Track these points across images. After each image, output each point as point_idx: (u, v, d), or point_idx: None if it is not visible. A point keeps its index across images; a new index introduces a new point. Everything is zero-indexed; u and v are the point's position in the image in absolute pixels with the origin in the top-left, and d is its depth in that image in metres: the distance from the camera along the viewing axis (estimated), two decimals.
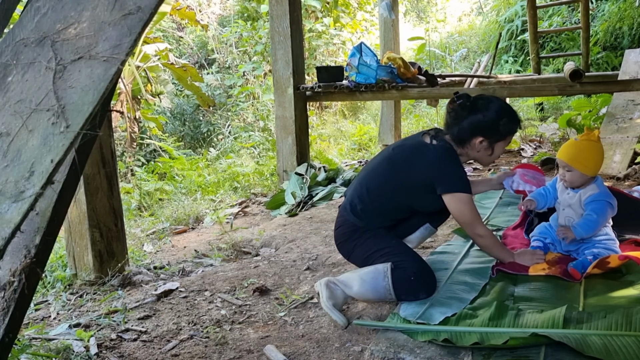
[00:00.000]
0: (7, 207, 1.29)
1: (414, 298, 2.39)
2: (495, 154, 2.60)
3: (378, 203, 2.59)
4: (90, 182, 3.13)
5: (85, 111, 1.31)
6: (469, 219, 2.52)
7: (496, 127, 2.52)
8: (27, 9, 1.48)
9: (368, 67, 5.22)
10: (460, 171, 2.52)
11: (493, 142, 2.55)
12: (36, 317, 2.86)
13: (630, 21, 8.75)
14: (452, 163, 2.52)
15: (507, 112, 2.54)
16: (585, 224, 2.57)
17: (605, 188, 2.64)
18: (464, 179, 2.51)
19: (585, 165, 2.56)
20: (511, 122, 2.55)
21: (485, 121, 2.51)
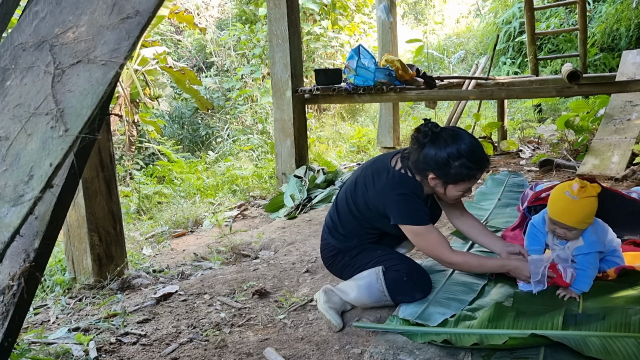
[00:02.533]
0: (7, 211, 1.29)
1: (410, 298, 2.37)
2: (448, 195, 2.34)
3: (351, 225, 2.51)
4: (89, 185, 3.13)
5: (84, 115, 1.31)
6: (429, 251, 2.38)
7: (447, 169, 2.24)
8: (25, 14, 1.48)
9: (366, 69, 5.22)
10: (409, 202, 2.31)
11: (445, 182, 2.29)
12: (35, 321, 2.86)
13: (628, 22, 8.77)
14: (403, 193, 2.32)
15: (464, 156, 2.22)
16: (582, 281, 2.35)
17: (590, 234, 2.39)
18: (413, 210, 2.31)
19: (588, 223, 2.37)
20: (465, 167, 2.23)
21: (436, 159, 2.25)
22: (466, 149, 2.22)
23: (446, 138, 2.25)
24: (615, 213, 3.01)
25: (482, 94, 5.75)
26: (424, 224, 2.31)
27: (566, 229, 2.35)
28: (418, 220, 2.31)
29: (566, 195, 2.30)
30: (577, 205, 2.28)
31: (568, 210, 2.31)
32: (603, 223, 2.54)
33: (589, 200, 2.28)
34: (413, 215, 2.31)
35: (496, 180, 4.80)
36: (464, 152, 2.21)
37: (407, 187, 2.32)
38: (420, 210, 2.32)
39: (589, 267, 2.36)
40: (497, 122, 7.13)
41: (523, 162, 6.19)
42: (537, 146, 7.05)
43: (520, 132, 7.82)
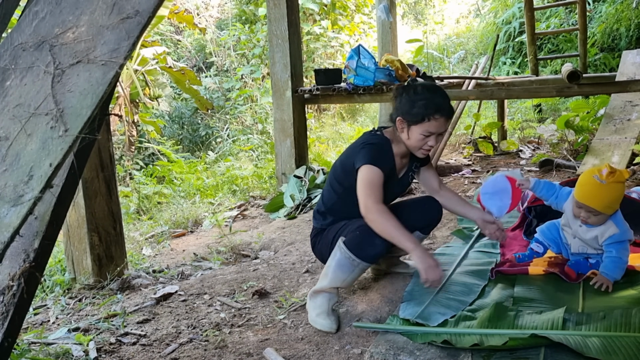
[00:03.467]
0: (6, 211, 1.28)
1: (373, 249, 2.37)
2: (412, 138, 2.41)
3: (331, 202, 2.60)
4: (88, 186, 3.13)
5: (84, 115, 1.31)
6: (361, 189, 2.34)
7: (411, 106, 2.37)
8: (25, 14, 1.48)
9: (366, 69, 5.22)
10: (374, 149, 2.41)
11: (409, 123, 2.39)
12: (35, 321, 2.85)
13: (628, 22, 8.77)
14: (370, 143, 2.44)
15: (427, 98, 2.36)
16: (615, 267, 2.37)
17: (623, 222, 2.43)
18: (374, 154, 2.38)
19: (614, 208, 2.38)
20: (424, 106, 2.34)
21: (404, 100, 2.41)
22: (431, 93, 2.39)
23: (419, 85, 2.43)
24: None
25: (482, 94, 5.75)
26: (375, 164, 2.34)
27: (591, 213, 2.37)
28: (374, 160, 2.35)
29: (594, 179, 2.31)
30: (605, 189, 2.30)
31: (595, 194, 2.33)
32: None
33: (617, 186, 2.30)
34: (372, 156, 2.37)
35: None
36: (428, 94, 2.37)
37: (374, 140, 2.46)
38: (381, 156, 2.40)
39: (622, 255, 2.39)
40: (497, 122, 7.13)
41: (523, 162, 6.19)
42: (537, 146, 7.05)
43: (520, 132, 7.82)
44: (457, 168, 6.09)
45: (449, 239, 3.53)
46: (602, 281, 2.34)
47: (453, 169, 6.05)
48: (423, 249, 2.27)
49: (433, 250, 3.27)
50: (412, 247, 2.25)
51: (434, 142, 2.41)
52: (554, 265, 2.61)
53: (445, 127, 2.41)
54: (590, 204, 2.34)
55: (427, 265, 2.21)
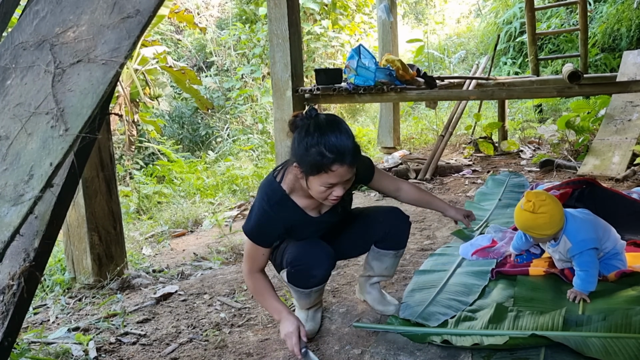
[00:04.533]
0: (7, 211, 1.28)
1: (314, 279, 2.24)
2: (312, 190, 2.02)
3: None
4: (89, 185, 3.12)
5: (84, 114, 1.31)
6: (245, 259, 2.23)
7: (305, 156, 1.96)
8: (25, 13, 1.48)
9: (367, 69, 5.22)
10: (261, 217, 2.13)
11: (306, 174, 2.00)
12: (35, 320, 2.85)
13: (629, 23, 8.77)
14: (262, 200, 2.15)
15: (322, 143, 1.93)
16: (582, 282, 2.35)
17: (576, 233, 2.40)
18: (258, 228, 2.15)
19: (552, 229, 2.39)
20: (321, 154, 1.92)
21: (298, 144, 2.01)
22: (328, 136, 1.94)
23: (315, 124, 1.99)
24: (616, 214, 3.02)
25: (483, 94, 5.75)
26: (253, 241, 2.16)
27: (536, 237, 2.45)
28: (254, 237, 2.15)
29: (521, 209, 2.42)
30: (532, 218, 2.39)
31: (526, 223, 2.44)
32: (603, 221, 2.55)
33: (545, 210, 2.36)
34: (253, 230, 2.15)
35: (497, 181, 4.80)
36: (323, 139, 1.93)
37: (268, 193, 2.15)
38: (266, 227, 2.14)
39: (588, 267, 2.36)
40: (498, 123, 7.13)
41: (524, 163, 6.19)
42: (538, 146, 7.05)
43: (521, 132, 7.82)
44: (458, 168, 6.09)
45: (449, 239, 3.53)
46: (575, 294, 2.33)
47: (453, 169, 6.05)
48: (285, 317, 2.11)
49: (433, 250, 3.26)
50: (277, 318, 2.17)
51: (340, 192, 2.01)
52: (554, 266, 2.61)
53: (350, 174, 2.00)
54: (527, 232, 2.48)
55: (285, 333, 2.08)
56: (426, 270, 2.83)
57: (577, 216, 2.46)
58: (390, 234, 2.38)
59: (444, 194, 5.03)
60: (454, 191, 5.19)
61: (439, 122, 8.50)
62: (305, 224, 2.22)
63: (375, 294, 2.52)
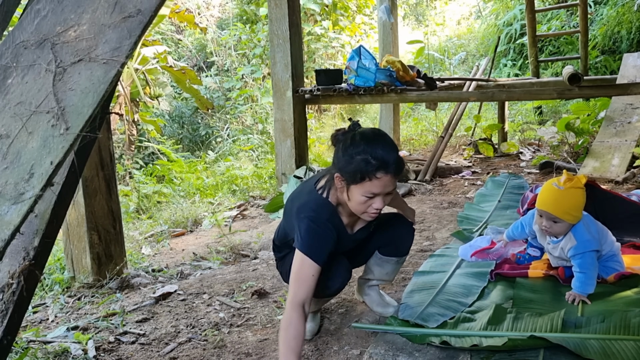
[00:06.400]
0: (7, 209, 1.28)
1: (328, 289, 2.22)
2: (353, 200, 2.02)
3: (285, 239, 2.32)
4: (88, 184, 3.12)
5: (85, 113, 1.31)
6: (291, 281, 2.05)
7: (349, 164, 1.97)
8: (27, 12, 1.48)
9: (367, 70, 5.22)
10: (316, 231, 2.05)
11: (348, 183, 2.01)
12: (34, 319, 2.85)
13: (629, 25, 8.78)
14: (311, 217, 2.07)
15: (367, 151, 1.95)
16: (581, 284, 2.34)
17: (583, 232, 2.39)
18: (314, 242, 2.05)
19: (574, 216, 2.37)
20: (365, 162, 1.94)
21: (343, 154, 2.02)
22: (374, 146, 1.98)
23: (361, 135, 2.03)
24: (616, 216, 3.02)
25: (483, 96, 5.75)
26: (312, 258, 2.02)
27: (552, 221, 2.39)
28: (311, 252, 2.03)
29: (553, 186, 2.37)
30: (563, 194, 2.34)
31: (553, 199, 2.36)
32: (601, 225, 2.55)
33: (575, 191, 2.34)
34: (312, 246, 2.04)
35: (496, 182, 4.80)
36: (370, 147, 1.97)
37: (320, 211, 2.10)
38: (322, 246, 2.06)
39: (588, 268, 2.36)
40: (498, 124, 7.13)
41: (523, 164, 6.20)
42: (538, 148, 7.06)
43: (521, 134, 7.83)
44: (457, 169, 6.09)
45: (449, 240, 3.53)
46: (574, 296, 2.32)
47: (453, 171, 6.06)
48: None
49: (433, 251, 3.26)
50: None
51: (380, 204, 2.02)
52: (554, 268, 2.61)
53: (392, 185, 2.01)
54: (549, 209, 2.37)
55: None
56: (425, 272, 2.83)
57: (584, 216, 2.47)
58: (394, 240, 2.38)
59: (443, 195, 5.03)
60: (454, 192, 5.19)
61: (439, 123, 8.51)
62: (341, 241, 2.19)
63: (374, 295, 2.52)
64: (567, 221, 2.37)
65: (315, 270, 2.02)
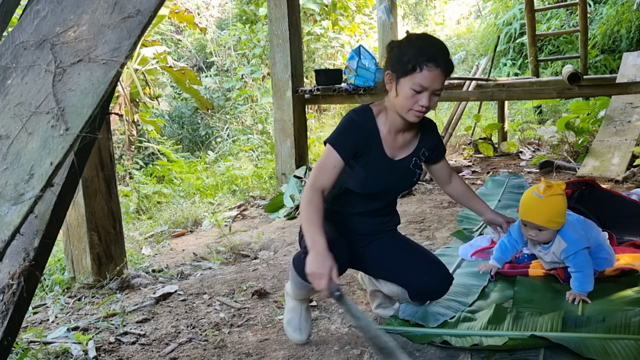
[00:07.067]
0: (7, 210, 1.28)
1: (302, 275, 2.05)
2: (400, 95, 2.05)
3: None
4: (88, 185, 3.12)
5: (85, 114, 1.31)
6: (314, 167, 2.12)
7: (402, 56, 2.02)
8: (26, 12, 1.48)
9: (367, 70, 5.22)
10: (345, 123, 2.14)
11: (397, 76, 2.05)
12: (34, 320, 2.85)
13: (628, 24, 8.78)
14: (347, 119, 2.17)
15: (417, 45, 2.02)
16: (579, 283, 2.35)
17: (571, 233, 2.39)
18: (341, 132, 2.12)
19: (558, 222, 2.36)
20: (417, 53, 1.99)
21: (395, 49, 2.09)
22: (426, 40, 2.06)
23: (416, 36, 2.11)
24: (616, 215, 3.02)
25: (483, 95, 5.75)
26: (334, 147, 2.07)
27: (537, 229, 2.38)
28: (335, 142, 2.09)
29: (533, 195, 2.35)
30: (544, 203, 2.32)
31: (535, 209, 2.34)
32: (582, 218, 2.55)
33: (556, 198, 2.32)
34: (338, 136, 2.11)
35: (496, 182, 4.80)
36: (421, 42, 2.04)
37: (357, 111, 2.20)
38: (347, 138, 2.12)
39: (584, 267, 2.36)
40: (498, 124, 7.13)
41: (523, 164, 6.20)
42: (538, 148, 7.06)
43: (521, 133, 7.83)
44: (457, 169, 6.10)
45: (449, 239, 3.53)
46: (574, 296, 2.32)
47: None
48: (318, 252, 1.86)
49: (433, 251, 3.26)
50: (309, 247, 1.90)
51: (426, 101, 2.02)
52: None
53: (440, 83, 2.03)
54: (532, 219, 2.36)
55: (312, 272, 1.84)
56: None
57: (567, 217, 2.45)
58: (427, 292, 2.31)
59: (443, 195, 5.02)
60: None
61: (439, 122, 8.50)
62: (377, 159, 2.17)
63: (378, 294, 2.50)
64: (552, 229, 2.37)
65: (337, 161, 2.07)
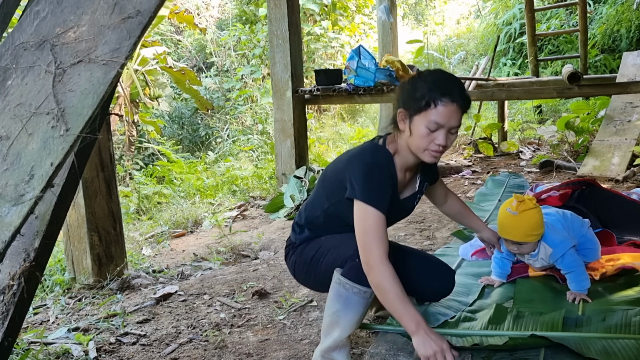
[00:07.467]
0: (7, 211, 1.28)
1: None
2: (414, 134, 1.90)
3: (313, 215, 2.15)
4: (89, 185, 3.13)
5: (85, 114, 1.31)
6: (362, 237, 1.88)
7: (414, 92, 1.90)
8: (26, 13, 1.48)
9: (367, 70, 5.22)
10: (374, 175, 1.92)
11: (411, 114, 1.90)
12: (35, 321, 2.85)
13: (628, 24, 8.78)
14: (370, 162, 1.95)
15: (431, 79, 1.91)
16: (576, 283, 2.35)
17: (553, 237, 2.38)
18: (373, 186, 1.91)
19: (536, 234, 2.35)
20: (430, 88, 1.87)
21: (407, 86, 1.97)
22: (441, 79, 1.93)
23: (428, 72, 1.99)
24: (616, 214, 3.02)
25: (483, 95, 5.75)
26: (376, 207, 1.88)
27: (517, 244, 2.38)
28: (372, 199, 1.89)
29: (507, 212, 2.34)
30: (518, 220, 2.31)
31: (511, 226, 2.34)
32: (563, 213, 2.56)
33: (529, 213, 2.30)
34: (371, 191, 1.90)
35: (496, 182, 4.80)
36: (436, 78, 1.93)
37: (376, 155, 1.98)
38: (381, 191, 1.92)
39: (574, 267, 2.37)
40: (498, 123, 7.13)
41: (523, 163, 6.20)
42: (538, 147, 7.06)
43: (521, 133, 7.83)
44: (458, 169, 6.09)
45: (449, 239, 3.53)
46: (574, 295, 2.33)
47: (453, 170, 6.06)
48: (426, 331, 1.80)
49: (433, 251, 3.26)
50: (413, 329, 1.81)
51: (443, 140, 1.88)
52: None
53: (457, 120, 1.90)
54: (509, 236, 2.36)
55: (431, 353, 1.77)
56: None
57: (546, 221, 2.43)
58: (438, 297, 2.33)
59: None
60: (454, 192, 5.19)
61: None
62: (390, 202, 1.97)
63: None
64: (530, 242, 2.37)
65: (380, 219, 1.87)
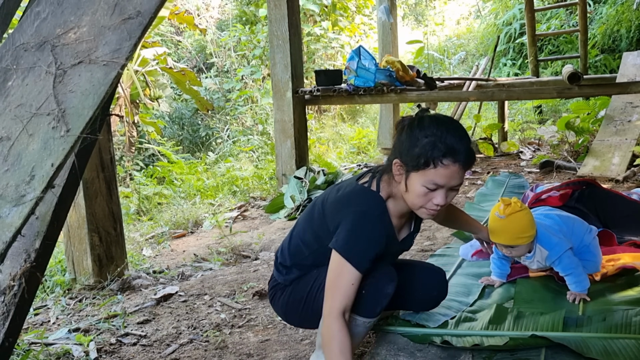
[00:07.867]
0: (8, 211, 1.28)
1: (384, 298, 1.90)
2: (410, 191, 1.76)
3: (300, 256, 2.01)
4: (89, 186, 3.13)
5: (86, 115, 1.31)
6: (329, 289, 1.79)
7: (413, 148, 1.73)
8: (26, 14, 1.48)
9: (367, 70, 5.22)
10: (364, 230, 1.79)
11: (408, 169, 1.75)
12: (35, 321, 2.85)
13: (628, 24, 8.78)
14: (362, 211, 1.83)
15: (436, 134, 1.71)
16: (575, 284, 2.34)
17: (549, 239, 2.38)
18: (360, 245, 1.78)
19: (527, 237, 2.32)
20: (433, 145, 1.70)
21: (406, 137, 1.78)
22: (444, 131, 1.73)
23: (430, 118, 1.80)
24: (616, 214, 3.02)
25: (483, 95, 5.75)
26: (356, 266, 1.76)
27: (510, 248, 2.37)
28: (354, 257, 1.77)
29: (496, 216, 2.33)
30: (507, 223, 2.30)
31: (500, 230, 2.33)
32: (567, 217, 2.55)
33: (517, 216, 2.29)
34: (355, 247, 1.78)
35: (497, 182, 4.80)
36: (439, 131, 1.73)
37: (368, 203, 1.85)
38: (368, 249, 1.79)
39: (572, 268, 2.36)
40: (498, 124, 7.13)
41: (523, 164, 6.19)
42: (538, 147, 7.06)
43: (521, 133, 7.83)
44: None
45: (449, 240, 3.53)
46: (574, 296, 2.33)
47: None
48: None
49: (433, 251, 3.26)
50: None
51: (442, 200, 1.75)
52: None
53: (459, 179, 1.75)
54: (500, 240, 2.35)
55: None
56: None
57: (541, 223, 2.43)
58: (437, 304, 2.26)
59: None
60: None
61: None
62: (388, 247, 1.89)
63: None
64: (522, 244, 2.35)
65: (355, 278, 1.76)
